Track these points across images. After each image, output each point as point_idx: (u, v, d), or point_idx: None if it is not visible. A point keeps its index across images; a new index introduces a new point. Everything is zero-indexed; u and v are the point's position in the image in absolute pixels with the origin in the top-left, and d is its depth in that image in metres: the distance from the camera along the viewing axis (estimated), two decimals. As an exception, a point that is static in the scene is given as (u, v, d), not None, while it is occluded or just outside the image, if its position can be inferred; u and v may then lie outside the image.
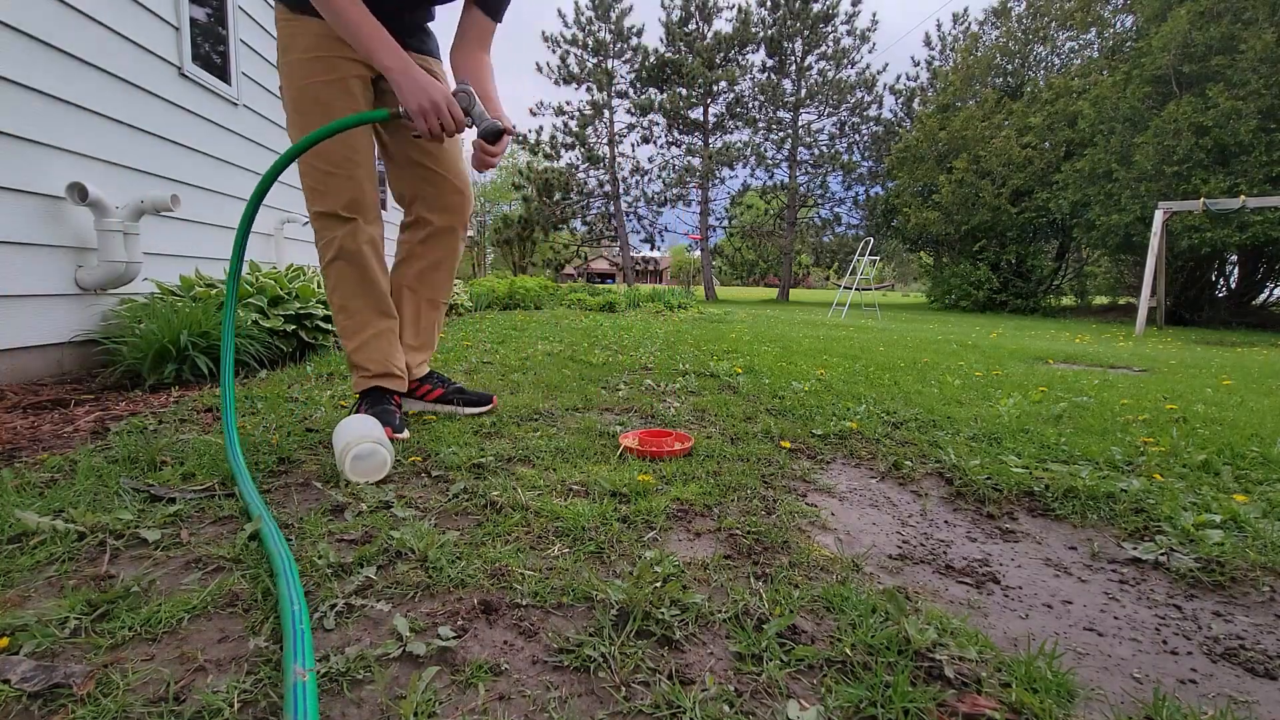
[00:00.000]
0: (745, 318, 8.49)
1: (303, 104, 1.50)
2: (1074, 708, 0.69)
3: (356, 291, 1.63)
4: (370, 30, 1.37)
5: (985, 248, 16.48)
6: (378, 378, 1.66)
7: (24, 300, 2.19)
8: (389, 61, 1.36)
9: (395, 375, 1.69)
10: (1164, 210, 8.69)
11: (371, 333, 1.65)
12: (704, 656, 0.75)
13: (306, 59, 1.48)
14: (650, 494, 1.25)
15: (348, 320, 1.64)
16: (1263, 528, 1.15)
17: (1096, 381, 3.09)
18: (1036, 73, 19.22)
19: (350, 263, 1.60)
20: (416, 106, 1.35)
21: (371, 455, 1.29)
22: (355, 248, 1.59)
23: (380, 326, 1.67)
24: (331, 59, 1.49)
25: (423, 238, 1.78)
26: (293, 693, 0.59)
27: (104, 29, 2.53)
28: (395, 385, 1.70)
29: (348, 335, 1.65)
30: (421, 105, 1.35)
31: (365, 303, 1.64)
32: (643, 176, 24.46)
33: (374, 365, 1.65)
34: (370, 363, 1.65)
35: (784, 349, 4.06)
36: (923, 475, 1.51)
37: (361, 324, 1.64)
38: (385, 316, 1.69)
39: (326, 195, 1.54)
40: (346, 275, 1.61)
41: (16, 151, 2.13)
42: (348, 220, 1.57)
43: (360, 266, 1.61)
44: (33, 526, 0.97)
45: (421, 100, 1.34)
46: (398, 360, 1.70)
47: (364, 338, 1.64)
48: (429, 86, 1.35)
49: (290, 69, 1.50)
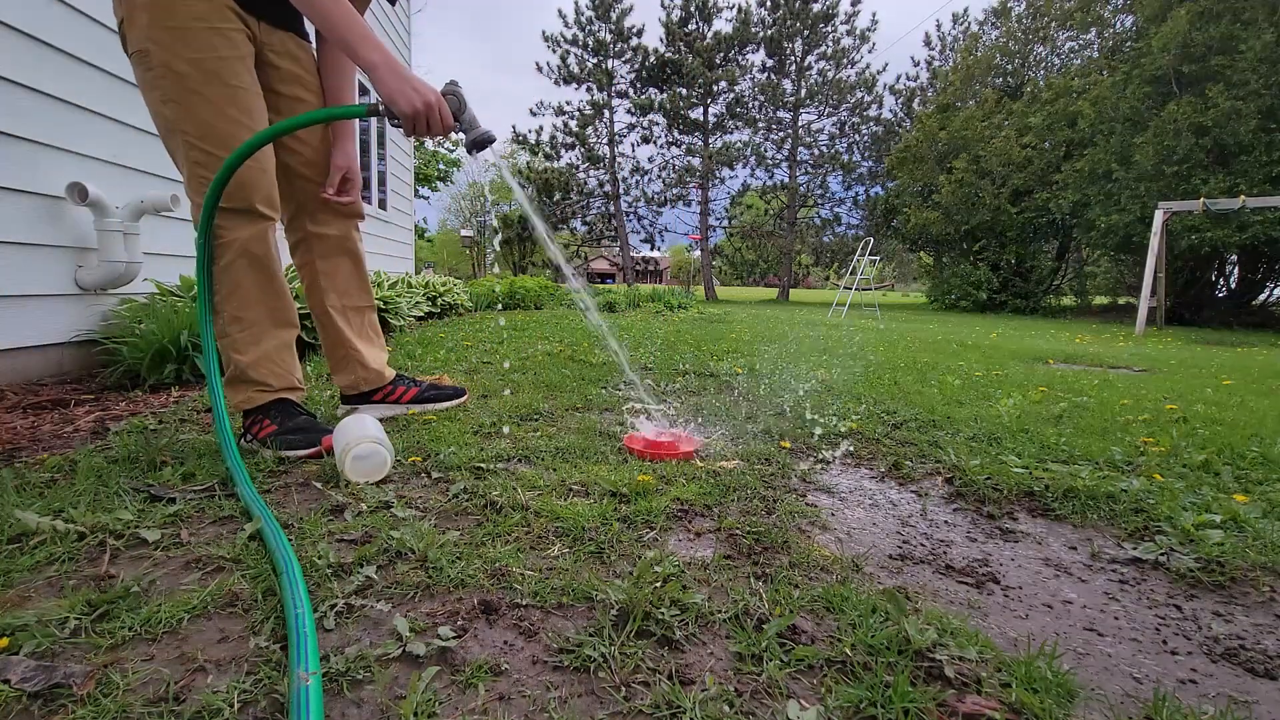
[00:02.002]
0: (745, 318, 8.49)
1: (200, 81, 1.31)
2: (1074, 708, 0.69)
3: (257, 299, 1.46)
4: (350, 20, 1.25)
5: (985, 248, 16.49)
6: (280, 392, 1.51)
7: (24, 300, 2.19)
8: (374, 57, 1.25)
9: (298, 388, 1.55)
10: (1164, 210, 8.69)
11: (272, 344, 1.50)
12: (704, 656, 0.75)
13: (201, 29, 1.30)
14: (650, 494, 1.25)
15: (241, 332, 1.45)
16: (1263, 528, 1.15)
17: (1096, 381, 3.09)
18: (1036, 73, 19.22)
19: (255, 267, 1.44)
20: (409, 109, 1.24)
21: (371, 455, 1.28)
22: (263, 251, 1.45)
23: (282, 337, 1.52)
24: (229, 32, 1.33)
25: (320, 253, 1.67)
26: (297, 697, 0.59)
27: (104, 29, 2.53)
28: (297, 399, 1.56)
29: (240, 348, 1.46)
30: (415, 108, 1.25)
31: (263, 311, 1.48)
32: (643, 176, 24.50)
33: (275, 380, 1.49)
34: (271, 377, 1.49)
35: (784, 349, 4.06)
36: (923, 475, 1.51)
37: (258, 335, 1.47)
38: (287, 326, 1.54)
39: (241, 189, 1.37)
40: (247, 281, 1.44)
41: (16, 151, 2.13)
42: (262, 219, 1.43)
43: (267, 272, 1.46)
44: (33, 526, 0.97)
45: (415, 102, 1.24)
46: (298, 372, 1.56)
47: (263, 350, 1.48)
48: (420, 87, 1.25)
49: (176, 38, 1.29)
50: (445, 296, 6.28)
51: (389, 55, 1.26)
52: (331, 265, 1.70)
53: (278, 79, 1.52)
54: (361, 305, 1.78)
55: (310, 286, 1.72)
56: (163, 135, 1.39)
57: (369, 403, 1.82)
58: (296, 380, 1.56)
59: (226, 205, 1.37)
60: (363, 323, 1.79)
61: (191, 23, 1.29)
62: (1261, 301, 13.26)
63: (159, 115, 1.36)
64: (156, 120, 1.37)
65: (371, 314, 1.83)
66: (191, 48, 1.30)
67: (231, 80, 1.34)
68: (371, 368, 1.78)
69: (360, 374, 1.78)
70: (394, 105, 1.25)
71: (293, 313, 1.56)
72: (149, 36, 1.29)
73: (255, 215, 1.42)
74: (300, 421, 1.49)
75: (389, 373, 1.84)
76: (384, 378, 1.82)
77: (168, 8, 1.28)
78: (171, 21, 1.28)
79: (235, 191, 1.37)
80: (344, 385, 1.80)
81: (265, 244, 1.46)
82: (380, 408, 1.83)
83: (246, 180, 1.38)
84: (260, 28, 1.44)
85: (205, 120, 1.33)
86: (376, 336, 1.83)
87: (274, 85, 1.51)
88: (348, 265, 1.73)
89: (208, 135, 1.34)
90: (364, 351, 1.76)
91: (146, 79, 1.33)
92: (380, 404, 1.83)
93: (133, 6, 1.29)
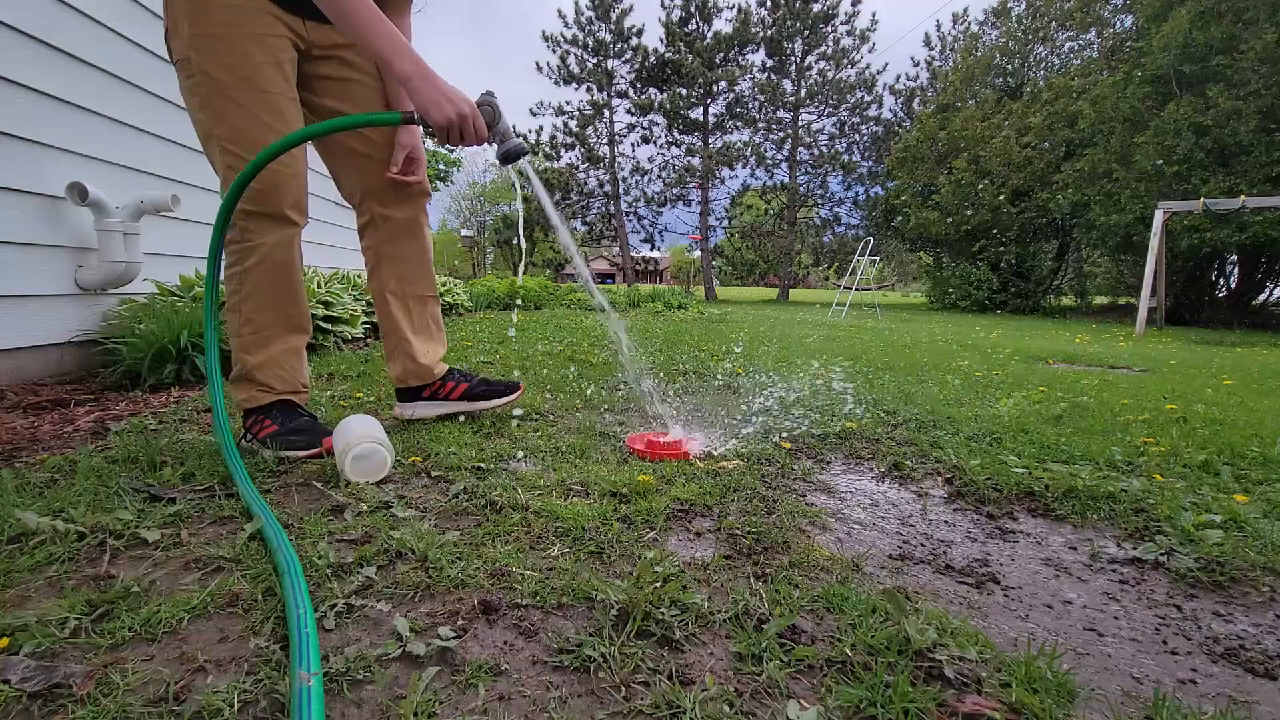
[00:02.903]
0: (745, 318, 8.49)
1: (233, 86, 1.32)
2: (1074, 708, 0.69)
3: (273, 304, 1.47)
4: (383, 29, 1.24)
5: (985, 248, 16.47)
6: (284, 394, 1.51)
7: (24, 300, 2.19)
8: (408, 68, 1.23)
9: (302, 392, 1.55)
10: (1164, 210, 8.69)
11: (281, 348, 1.50)
12: (704, 656, 0.75)
13: (235, 35, 1.30)
14: (650, 494, 1.25)
15: (254, 334, 1.46)
16: (1263, 528, 1.15)
17: (1096, 381, 3.09)
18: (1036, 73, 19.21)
19: (277, 273, 1.44)
20: (443, 120, 1.24)
21: (371, 455, 1.28)
22: (287, 259, 1.45)
23: (292, 343, 1.53)
24: (264, 37, 1.33)
25: (385, 237, 1.66)
26: (298, 698, 0.59)
27: (104, 29, 2.53)
28: (300, 400, 1.55)
29: (249, 349, 1.46)
30: (448, 119, 1.24)
31: (277, 316, 1.48)
32: (643, 176, 24.49)
33: (280, 383, 1.49)
34: (276, 380, 1.49)
35: (784, 349, 4.06)
36: (923, 475, 1.51)
37: (268, 339, 1.48)
38: (299, 332, 1.54)
39: (273, 193, 1.38)
40: (268, 286, 1.44)
41: (16, 151, 2.13)
42: (290, 224, 1.44)
43: (288, 278, 1.47)
44: (33, 526, 0.97)
45: (449, 113, 1.23)
46: (304, 376, 1.56)
47: (271, 353, 1.48)
48: (454, 97, 1.24)
49: (211, 45, 1.30)
50: (445, 297, 6.29)
51: (422, 65, 1.26)
52: (397, 250, 1.68)
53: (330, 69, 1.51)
54: (424, 294, 1.75)
55: (373, 270, 1.70)
56: (201, 141, 1.40)
57: (418, 399, 1.78)
58: (301, 384, 1.56)
59: (256, 209, 1.38)
60: (423, 312, 1.75)
61: (224, 29, 1.30)
62: (1261, 301, 13.26)
63: (198, 122, 1.38)
64: (196, 127, 1.39)
65: (434, 305, 1.79)
66: (225, 54, 1.31)
67: (264, 85, 1.35)
68: (420, 362, 1.72)
69: (409, 367, 1.73)
70: (428, 115, 1.25)
71: (306, 319, 1.57)
72: (190, 44, 1.31)
73: (284, 221, 1.42)
74: (302, 423, 1.48)
75: (440, 369, 1.77)
76: (433, 374, 1.75)
77: (202, 15, 1.29)
78: (206, 29, 1.30)
79: (266, 195, 1.38)
80: (394, 376, 1.76)
81: (290, 251, 1.46)
82: (429, 405, 1.78)
83: (278, 184, 1.38)
84: (306, 25, 1.43)
85: (237, 125, 1.34)
86: (437, 329, 1.79)
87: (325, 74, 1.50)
88: (414, 251, 1.70)
89: (238, 139, 1.35)
90: (415, 344, 1.72)
91: (187, 86, 1.35)
92: (430, 400, 1.78)
93: (177, 16, 1.31)
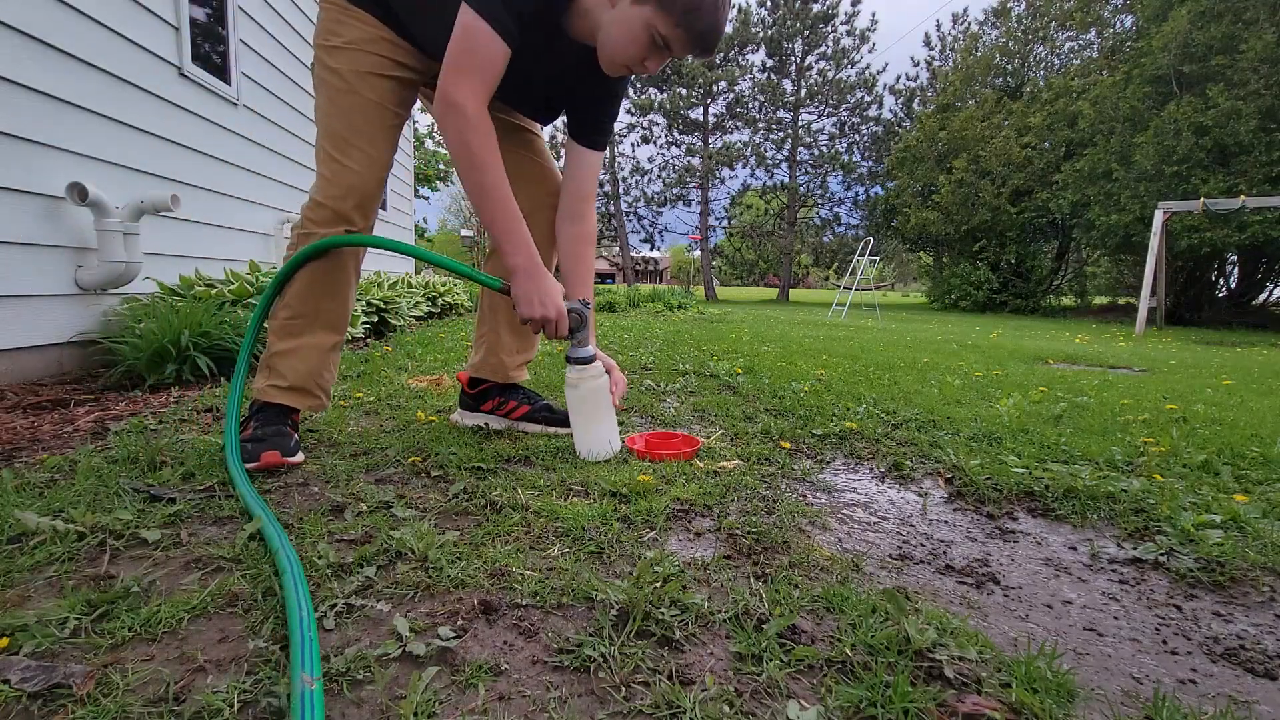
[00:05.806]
0: (745, 318, 8.49)
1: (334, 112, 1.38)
2: (1074, 708, 0.69)
3: (318, 301, 1.44)
4: (510, 221, 1.33)
5: (985, 248, 16.49)
6: (288, 391, 1.45)
7: (24, 300, 2.19)
8: (519, 261, 1.33)
9: (311, 394, 1.48)
10: (1164, 210, 8.70)
11: (310, 341, 1.46)
12: (704, 656, 0.75)
13: (354, 71, 1.37)
14: (650, 494, 1.25)
15: (289, 319, 1.44)
16: (1263, 528, 1.15)
17: (1096, 381, 3.09)
18: (1036, 73, 19.24)
19: (327, 268, 1.43)
20: (530, 314, 1.35)
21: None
22: (343, 261, 1.45)
23: (320, 339, 1.47)
24: (377, 79, 1.38)
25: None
26: (300, 701, 0.59)
27: (104, 29, 2.53)
28: (303, 403, 1.48)
29: (280, 335, 1.44)
30: (534, 316, 1.35)
31: (319, 313, 1.46)
32: (643, 176, 24.51)
33: (291, 375, 1.44)
34: (289, 372, 1.43)
35: (784, 349, 4.06)
36: (923, 475, 1.51)
37: (300, 330, 1.44)
38: (330, 331, 1.49)
39: (347, 193, 1.39)
40: (317, 281, 1.43)
41: (16, 151, 2.13)
42: (349, 225, 1.41)
43: (339, 278, 1.46)
44: (33, 526, 0.97)
45: (536, 312, 1.34)
46: (323, 380, 1.50)
47: (296, 344, 1.44)
48: (546, 298, 1.34)
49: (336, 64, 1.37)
50: (445, 297, 6.29)
51: (532, 260, 1.34)
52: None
53: None
54: None
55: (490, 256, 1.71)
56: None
57: (477, 412, 1.76)
58: (315, 385, 1.48)
59: (325, 201, 1.39)
60: None
61: (345, 63, 1.38)
62: (1261, 301, 13.28)
63: (316, 120, 1.43)
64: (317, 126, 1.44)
65: None
66: (343, 61, 1.38)
67: (357, 120, 1.38)
68: (502, 358, 1.70)
69: (489, 359, 1.70)
70: (519, 306, 1.37)
71: (343, 320, 1.52)
72: (320, 52, 1.41)
73: (346, 220, 1.41)
74: (269, 431, 1.39)
75: (516, 375, 1.74)
76: (507, 376, 1.73)
77: (328, 31, 1.39)
78: (330, 42, 1.39)
79: (337, 194, 1.39)
80: (471, 365, 1.74)
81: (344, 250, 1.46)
82: (487, 418, 1.76)
83: (354, 185, 1.39)
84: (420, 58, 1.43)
85: (329, 123, 1.40)
86: (532, 337, 1.76)
87: None
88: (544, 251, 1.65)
89: (327, 134, 1.40)
90: (505, 339, 1.71)
91: (315, 84, 1.44)
92: (489, 414, 1.75)
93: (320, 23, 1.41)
